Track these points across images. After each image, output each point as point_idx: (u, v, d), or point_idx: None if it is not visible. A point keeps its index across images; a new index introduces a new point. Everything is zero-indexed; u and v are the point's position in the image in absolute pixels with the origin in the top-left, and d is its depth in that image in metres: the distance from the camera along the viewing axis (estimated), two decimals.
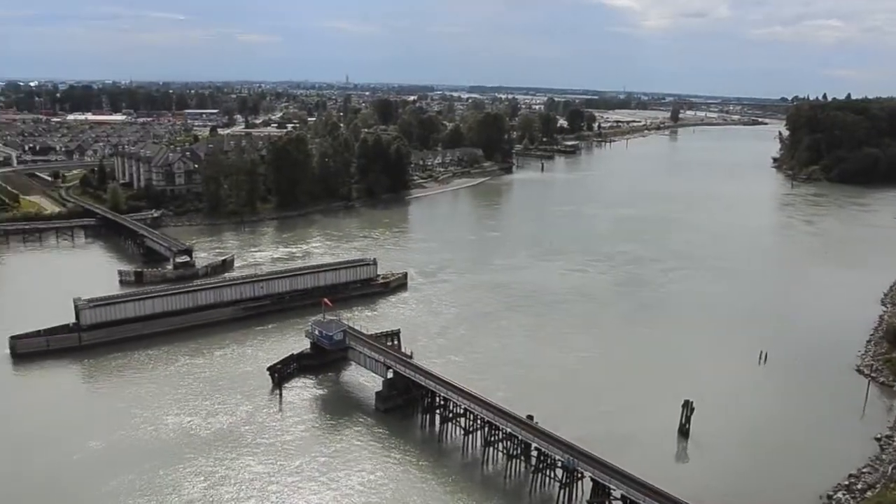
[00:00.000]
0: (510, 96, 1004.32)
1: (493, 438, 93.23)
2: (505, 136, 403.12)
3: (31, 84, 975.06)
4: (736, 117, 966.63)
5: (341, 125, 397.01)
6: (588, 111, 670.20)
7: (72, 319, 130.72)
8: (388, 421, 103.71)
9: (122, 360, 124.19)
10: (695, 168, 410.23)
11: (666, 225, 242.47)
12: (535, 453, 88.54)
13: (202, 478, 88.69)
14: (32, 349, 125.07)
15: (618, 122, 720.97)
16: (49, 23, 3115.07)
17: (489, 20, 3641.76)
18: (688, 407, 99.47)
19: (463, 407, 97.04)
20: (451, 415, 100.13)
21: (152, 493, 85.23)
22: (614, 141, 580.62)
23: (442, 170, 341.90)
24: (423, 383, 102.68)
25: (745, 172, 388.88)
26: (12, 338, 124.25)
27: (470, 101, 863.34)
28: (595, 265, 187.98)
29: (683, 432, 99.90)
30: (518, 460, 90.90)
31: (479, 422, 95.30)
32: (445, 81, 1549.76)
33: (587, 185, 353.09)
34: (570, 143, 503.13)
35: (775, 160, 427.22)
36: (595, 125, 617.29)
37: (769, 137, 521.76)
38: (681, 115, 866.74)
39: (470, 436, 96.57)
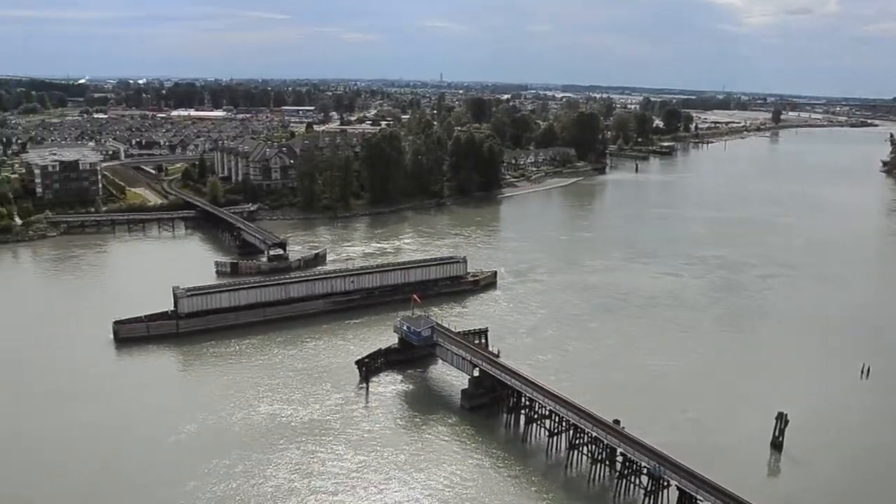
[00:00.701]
0: (605, 95, 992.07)
1: (577, 442, 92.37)
2: (599, 136, 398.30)
3: (140, 82, 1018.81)
4: (843, 119, 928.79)
5: (435, 123, 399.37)
6: (685, 111, 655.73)
7: (170, 307, 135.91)
8: (472, 419, 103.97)
9: (218, 347, 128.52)
10: (796, 171, 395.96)
11: (764, 229, 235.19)
12: (620, 459, 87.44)
13: (291, 466, 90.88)
14: (134, 334, 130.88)
15: (716, 122, 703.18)
16: (156, 24, 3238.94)
17: (585, 18, 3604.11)
18: (782, 419, 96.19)
19: (548, 408, 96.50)
20: (536, 416, 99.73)
21: (243, 479, 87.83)
22: (712, 142, 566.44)
23: (534, 169, 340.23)
24: (508, 383, 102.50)
25: (850, 177, 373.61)
26: (116, 323, 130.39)
27: (564, 100, 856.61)
28: (689, 269, 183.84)
29: (776, 445, 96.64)
30: (603, 465, 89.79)
31: (564, 424, 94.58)
32: (539, 80, 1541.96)
33: (682, 187, 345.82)
34: (665, 143, 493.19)
35: (885, 164, 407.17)
36: (692, 126, 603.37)
37: (879, 140, 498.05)
38: (783, 116, 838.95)
39: (554, 438, 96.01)
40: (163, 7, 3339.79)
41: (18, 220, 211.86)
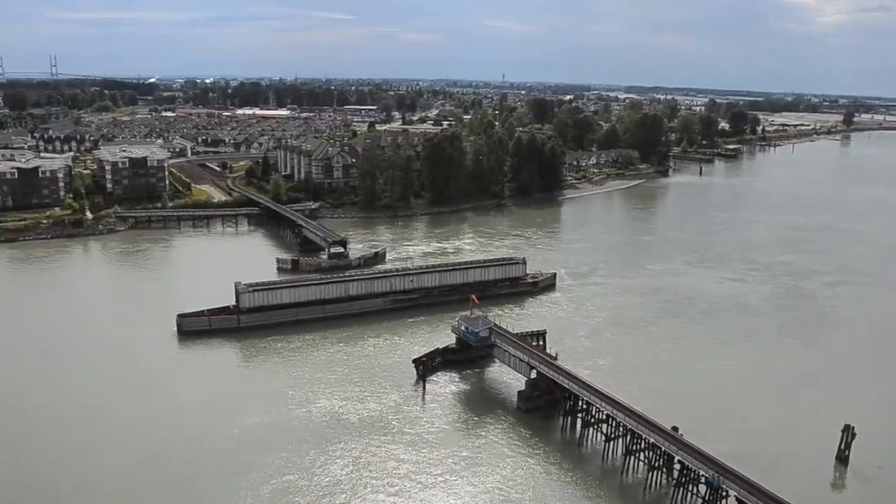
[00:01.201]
0: (669, 97, 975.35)
1: (634, 447, 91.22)
2: (662, 137, 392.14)
3: (207, 81, 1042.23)
4: None
5: (496, 123, 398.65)
6: (752, 113, 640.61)
7: (232, 302, 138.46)
8: (528, 421, 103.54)
9: (278, 343, 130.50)
10: (868, 176, 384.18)
11: (833, 236, 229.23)
12: (677, 466, 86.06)
13: (349, 462, 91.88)
14: (196, 328, 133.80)
15: (784, 125, 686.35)
16: (223, 24, 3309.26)
17: (650, 18, 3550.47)
18: (848, 432, 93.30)
19: (605, 413, 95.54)
20: (592, 420, 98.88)
21: (302, 472, 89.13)
22: (779, 145, 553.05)
23: (596, 171, 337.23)
24: (566, 385, 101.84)
25: None
26: (179, 316, 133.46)
27: (627, 101, 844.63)
28: (753, 275, 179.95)
29: (842, 459, 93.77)
30: (660, 472, 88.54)
31: (621, 429, 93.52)
32: (602, 81, 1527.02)
33: (748, 190, 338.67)
34: (731, 146, 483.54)
35: None
36: (759, 128, 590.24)
37: None
38: (855, 119, 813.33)
39: (611, 443, 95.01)
40: (230, 8, 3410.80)
41: (89, 215, 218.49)
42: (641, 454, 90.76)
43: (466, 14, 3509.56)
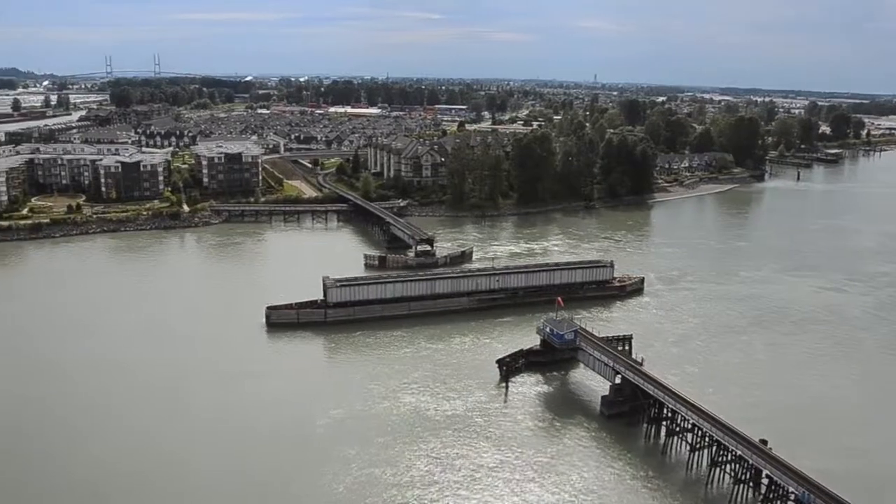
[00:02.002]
0: (766, 99, 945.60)
1: (720, 459, 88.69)
2: (759, 141, 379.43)
3: (301, 79, 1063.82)
4: None
5: (587, 125, 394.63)
6: (856, 117, 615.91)
7: (320, 296, 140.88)
8: (611, 427, 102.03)
9: (365, 338, 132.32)
10: None
11: None
12: (765, 481, 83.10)
13: (432, 458, 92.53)
14: (284, 320, 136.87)
15: (891, 129, 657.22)
16: (316, 24, 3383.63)
17: (748, 17, 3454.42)
18: None
19: (691, 422, 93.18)
20: (677, 428, 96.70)
21: (385, 466, 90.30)
22: (885, 150, 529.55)
23: (688, 174, 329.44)
24: (651, 392, 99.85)
25: None
26: (268, 308, 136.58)
27: (722, 103, 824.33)
28: (853, 285, 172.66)
29: None
30: (746, 486, 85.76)
31: (707, 439, 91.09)
32: (697, 82, 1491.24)
33: (849, 197, 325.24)
34: (832, 151, 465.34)
35: None
36: (863, 132, 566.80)
37: None
38: None
39: (696, 453, 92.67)
40: (324, 9, 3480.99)
41: (186, 208, 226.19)
42: (727, 466, 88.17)
43: (558, 14, 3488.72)
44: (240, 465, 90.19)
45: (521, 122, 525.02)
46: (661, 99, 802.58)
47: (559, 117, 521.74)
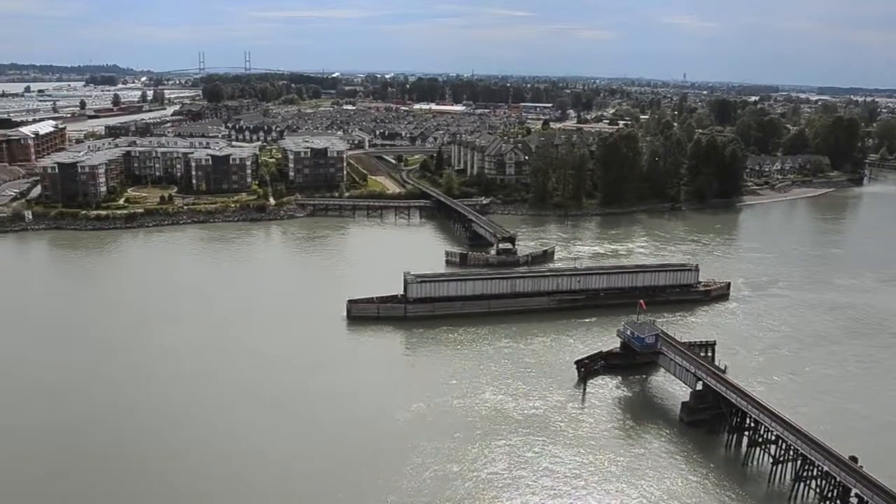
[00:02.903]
0: (868, 99, 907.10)
1: (805, 474, 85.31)
2: (858, 143, 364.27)
3: (386, 76, 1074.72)
4: None
5: (674, 124, 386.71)
6: None
7: (400, 291, 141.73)
8: (691, 434, 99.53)
9: (445, 333, 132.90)
10: None
11: None
12: (854, 500, 79.43)
13: (510, 457, 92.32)
14: (364, 314, 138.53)
15: None
16: (402, 21, 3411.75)
17: (850, 13, 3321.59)
18: None
19: (775, 433, 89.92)
20: (760, 439, 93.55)
21: (462, 462, 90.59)
22: None
23: (780, 177, 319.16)
24: (733, 401, 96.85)
25: None
26: (349, 301, 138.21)
27: (819, 103, 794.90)
28: None
29: None
30: None
31: (791, 453, 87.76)
32: (792, 81, 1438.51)
33: None
34: None
35: None
36: None
37: None
38: None
39: (779, 466, 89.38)
40: (411, 7, 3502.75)
41: (272, 201, 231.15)
42: (813, 482, 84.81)
43: (648, 11, 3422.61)
44: (318, 454, 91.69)
45: (607, 121, 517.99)
46: (753, 98, 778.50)
47: (646, 117, 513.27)
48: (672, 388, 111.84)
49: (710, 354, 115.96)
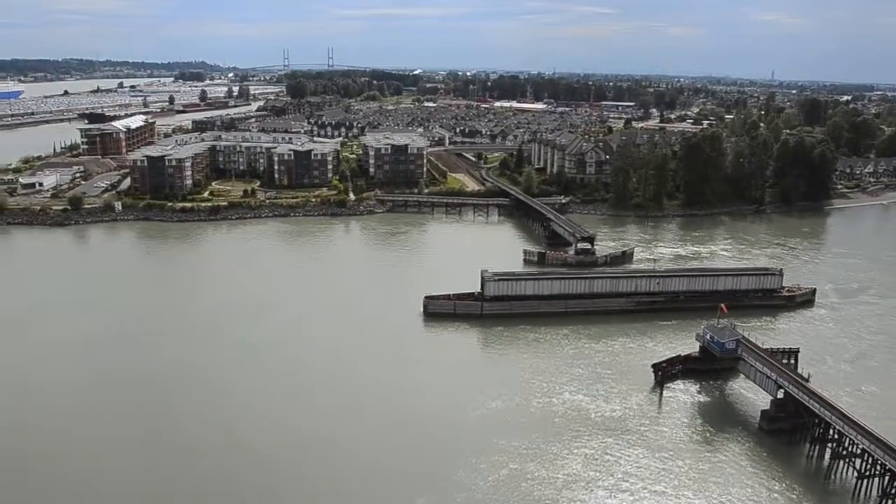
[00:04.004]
0: None
1: (893, 491, 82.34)
2: None
3: (468, 74, 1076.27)
4: None
5: (761, 124, 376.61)
6: None
7: (477, 289, 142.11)
8: (770, 443, 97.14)
9: (521, 332, 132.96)
10: None
11: None
12: None
13: (587, 459, 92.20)
14: (441, 310, 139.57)
15: None
16: (485, 19, 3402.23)
17: None
18: None
19: (860, 447, 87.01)
20: (844, 452, 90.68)
21: (538, 461, 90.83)
22: None
23: (872, 180, 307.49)
24: (816, 411, 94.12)
25: None
26: (426, 297, 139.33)
27: None
28: None
29: None
30: None
31: (878, 468, 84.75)
32: (888, 80, 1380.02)
33: None
34: None
35: None
36: None
37: None
38: None
39: (864, 481, 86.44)
40: (493, 4, 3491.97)
41: (352, 196, 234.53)
42: None
43: (735, 7, 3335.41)
44: (396, 450, 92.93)
45: (691, 121, 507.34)
46: (845, 98, 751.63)
47: (731, 116, 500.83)
48: (752, 396, 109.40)
49: (792, 362, 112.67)
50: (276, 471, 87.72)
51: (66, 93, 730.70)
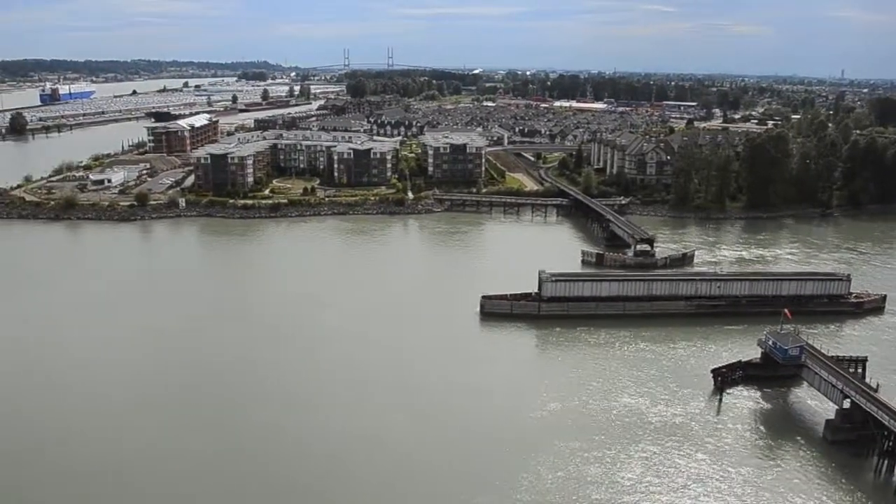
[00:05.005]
0: None
1: None
2: None
3: (527, 73, 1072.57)
4: None
5: (829, 125, 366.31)
6: None
7: (534, 289, 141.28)
8: (835, 454, 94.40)
9: (579, 334, 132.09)
10: None
11: None
12: None
13: (647, 463, 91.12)
14: (498, 310, 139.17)
15: None
16: (543, 18, 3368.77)
17: None
18: None
19: None
20: None
21: (597, 464, 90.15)
22: None
23: None
24: (885, 422, 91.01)
25: None
26: (483, 297, 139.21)
27: None
28: None
29: None
30: None
31: None
32: None
33: None
34: None
35: None
36: None
37: None
38: None
39: None
40: (553, 3, 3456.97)
41: (410, 195, 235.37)
42: None
43: (804, 4, 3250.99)
44: (452, 450, 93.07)
45: (755, 121, 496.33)
46: None
47: (798, 116, 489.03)
48: (814, 405, 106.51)
49: (860, 371, 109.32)
50: (332, 469, 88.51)
51: (134, 92, 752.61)
